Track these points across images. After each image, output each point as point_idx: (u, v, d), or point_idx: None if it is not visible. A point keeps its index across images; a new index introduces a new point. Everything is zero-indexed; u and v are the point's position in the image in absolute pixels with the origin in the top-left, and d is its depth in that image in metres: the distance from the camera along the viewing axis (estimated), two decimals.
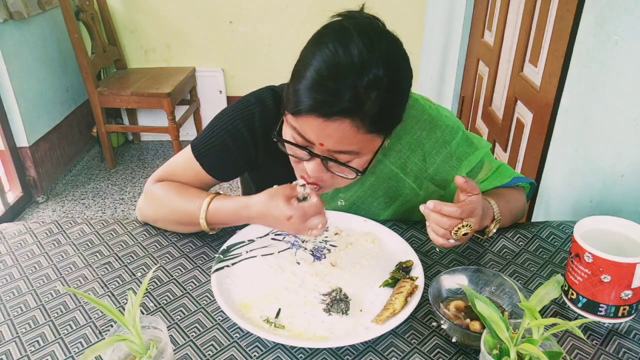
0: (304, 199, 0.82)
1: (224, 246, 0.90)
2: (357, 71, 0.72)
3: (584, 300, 0.76)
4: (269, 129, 0.93)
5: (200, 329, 0.76)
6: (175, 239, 0.96)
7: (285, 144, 0.84)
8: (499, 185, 0.99)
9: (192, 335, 0.75)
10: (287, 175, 0.97)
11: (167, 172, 0.98)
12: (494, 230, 0.89)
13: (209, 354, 0.71)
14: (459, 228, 0.79)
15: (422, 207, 0.81)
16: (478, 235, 0.92)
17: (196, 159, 0.95)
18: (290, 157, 0.87)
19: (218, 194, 0.92)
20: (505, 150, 1.89)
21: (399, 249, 0.89)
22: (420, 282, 0.80)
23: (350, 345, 0.72)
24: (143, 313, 0.79)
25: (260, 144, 0.96)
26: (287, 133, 0.83)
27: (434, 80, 2.95)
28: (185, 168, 0.96)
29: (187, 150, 0.96)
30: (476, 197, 0.81)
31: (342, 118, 0.74)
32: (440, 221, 0.79)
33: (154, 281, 0.86)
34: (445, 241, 0.81)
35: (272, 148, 0.95)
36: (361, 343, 0.72)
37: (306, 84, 0.75)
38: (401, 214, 1.02)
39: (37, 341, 0.74)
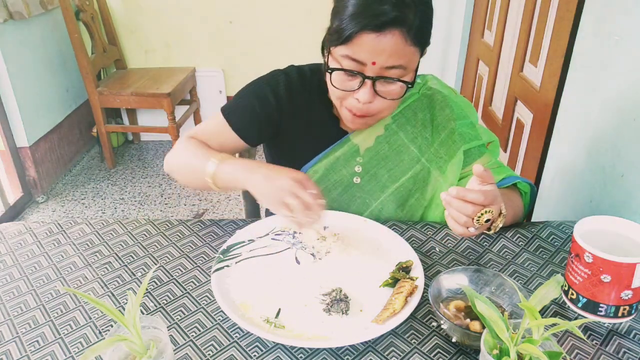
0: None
1: (224, 246, 0.90)
2: None
3: (584, 300, 0.76)
4: (293, 97, 1.03)
5: (200, 329, 0.76)
6: (176, 239, 0.96)
7: (336, 75, 0.90)
8: (496, 179, 1.00)
9: (192, 335, 0.75)
10: (306, 148, 1.05)
11: (200, 131, 1.06)
12: (500, 225, 0.88)
13: (209, 354, 0.71)
14: (482, 214, 0.78)
15: (443, 195, 0.80)
16: (484, 231, 0.91)
17: (225, 119, 1.03)
18: (336, 93, 0.92)
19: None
20: (505, 150, 1.89)
21: (399, 249, 0.89)
22: (420, 282, 0.80)
23: (350, 345, 0.72)
24: (143, 313, 0.79)
25: (285, 109, 1.03)
26: (336, 74, 0.90)
27: None
28: (216, 129, 1.04)
29: (218, 114, 1.04)
30: (492, 186, 0.81)
31: (393, 29, 0.82)
32: (463, 208, 0.78)
33: (154, 281, 0.86)
34: (465, 230, 0.80)
35: (296, 115, 1.04)
36: (361, 343, 0.72)
37: (352, 11, 0.83)
38: (409, 192, 1.05)
39: (37, 341, 0.74)
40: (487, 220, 0.79)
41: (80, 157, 3.30)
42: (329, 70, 0.90)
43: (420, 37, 0.86)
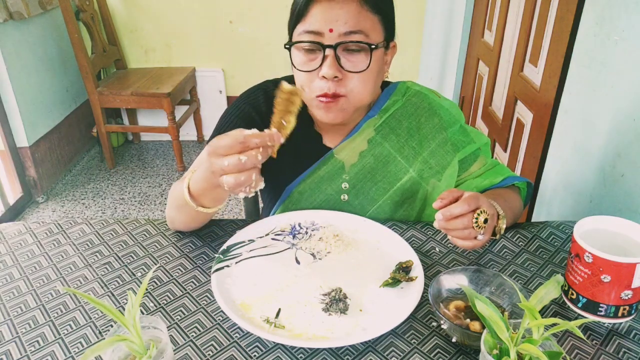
0: None
1: (224, 246, 0.90)
2: None
3: (584, 300, 0.76)
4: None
5: (200, 329, 0.76)
6: (176, 239, 0.96)
7: (297, 55, 0.89)
8: (494, 181, 1.00)
9: (192, 335, 0.75)
10: (291, 167, 1.00)
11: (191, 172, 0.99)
12: (504, 227, 0.88)
13: (209, 354, 0.71)
14: (477, 218, 0.78)
15: (436, 224, 0.80)
16: (491, 237, 0.91)
17: None
18: (302, 77, 0.90)
19: None
20: (505, 150, 1.89)
21: (399, 249, 0.89)
22: (420, 282, 0.80)
23: (350, 345, 0.72)
24: (143, 313, 0.79)
25: (269, 125, 0.99)
26: (296, 56, 0.90)
27: (434, 80, 2.95)
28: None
29: (206, 147, 0.99)
30: (464, 192, 0.81)
31: None
32: (458, 224, 0.78)
33: (154, 281, 0.86)
34: (474, 241, 0.80)
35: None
36: (361, 343, 0.72)
37: None
38: (396, 203, 1.03)
39: (37, 341, 0.74)
40: (486, 220, 0.79)
41: (80, 157, 3.30)
42: (287, 47, 0.89)
43: (378, 5, 0.85)
